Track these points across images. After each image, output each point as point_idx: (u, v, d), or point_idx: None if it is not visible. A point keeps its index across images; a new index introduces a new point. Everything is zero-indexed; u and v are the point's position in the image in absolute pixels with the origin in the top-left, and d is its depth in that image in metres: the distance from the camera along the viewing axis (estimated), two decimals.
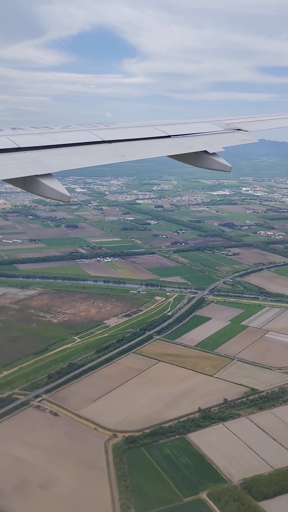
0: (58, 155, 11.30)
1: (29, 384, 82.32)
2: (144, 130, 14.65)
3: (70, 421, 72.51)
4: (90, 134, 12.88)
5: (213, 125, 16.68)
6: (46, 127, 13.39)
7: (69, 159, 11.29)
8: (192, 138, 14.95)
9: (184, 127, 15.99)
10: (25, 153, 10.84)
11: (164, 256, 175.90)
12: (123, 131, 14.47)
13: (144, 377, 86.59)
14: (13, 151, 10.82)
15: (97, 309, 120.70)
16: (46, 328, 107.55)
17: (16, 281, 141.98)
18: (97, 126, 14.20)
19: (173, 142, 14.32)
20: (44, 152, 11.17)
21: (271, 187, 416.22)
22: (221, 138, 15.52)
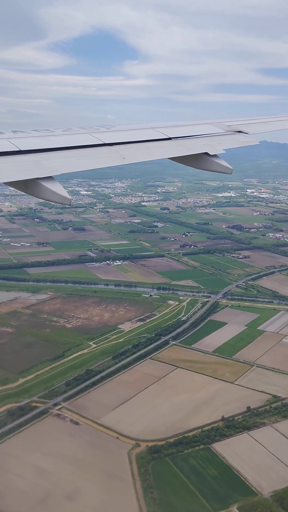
0: (59, 158, 11.28)
1: (47, 392, 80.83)
2: (145, 133, 14.66)
3: (91, 430, 70.98)
4: (91, 137, 12.84)
5: (214, 127, 16.61)
6: (47, 130, 13.35)
7: (70, 162, 11.25)
8: (193, 140, 14.89)
9: (185, 129, 15.87)
10: (26, 156, 10.79)
11: (174, 259, 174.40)
12: (124, 134, 14.35)
13: (163, 384, 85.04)
14: (14, 154, 10.72)
15: (110, 313, 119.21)
16: (60, 333, 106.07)
17: (27, 285, 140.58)
18: (98, 129, 14.19)
19: (174, 144, 14.26)
20: (45, 155, 11.13)
21: (276, 188, 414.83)
22: (222, 140, 15.48)
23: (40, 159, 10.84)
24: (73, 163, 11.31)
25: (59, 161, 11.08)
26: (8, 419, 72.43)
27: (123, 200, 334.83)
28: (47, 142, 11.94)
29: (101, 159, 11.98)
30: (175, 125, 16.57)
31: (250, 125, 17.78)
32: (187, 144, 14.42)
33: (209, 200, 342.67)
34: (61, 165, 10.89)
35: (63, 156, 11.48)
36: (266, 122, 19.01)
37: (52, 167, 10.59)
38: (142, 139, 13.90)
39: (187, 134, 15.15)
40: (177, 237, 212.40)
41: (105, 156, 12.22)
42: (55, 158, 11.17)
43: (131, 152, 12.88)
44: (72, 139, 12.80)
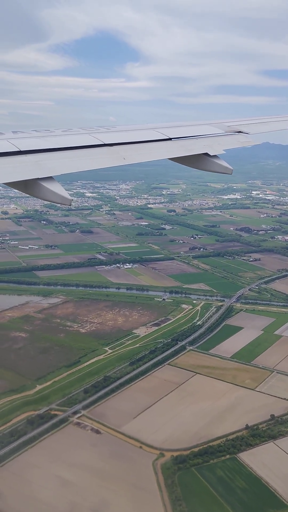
0: (59, 158, 11.22)
1: (65, 399, 79.24)
2: (145, 133, 14.56)
3: (113, 439, 69.36)
4: (91, 137, 12.73)
5: (214, 127, 16.53)
6: (47, 131, 13.24)
7: (70, 163, 11.18)
8: (193, 140, 14.79)
9: (185, 129, 15.78)
10: (26, 156, 10.70)
11: (184, 262, 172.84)
12: (124, 134, 14.23)
13: (183, 390, 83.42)
14: (14, 155, 10.62)
15: (124, 317, 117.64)
16: (74, 338, 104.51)
17: (37, 288, 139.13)
18: (98, 129, 14.11)
19: (174, 144, 14.18)
20: (45, 156, 11.05)
21: (281, 190, 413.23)
22: (222, 140, 15.42)
23: (40, 159, 10.79)
24: (73, 164, 11.25)
25: (59, 162, 11.06)
26: (28, 427, 70.82)
27: (128, 202, 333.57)
28: (47, 142, 11.86)
29: (101, 160, 11.90)
30: (175, 125, 16.47)
31: (250, 125, 17.68)
32: (187, 144, 14.34)
33: (215, 202, 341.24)
34: (61, 166, 10.84)
35: (63, 156, 11.44)
36: (266, 123, 18.92)
37: (52, 168, 10.55)
38: (142, 140, 13.77)
39: (187, 135, 15.06)
40: (185, 240, 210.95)
41: (105, 156, 12.14)
42: (55, 159, 11.15)
43: (131, 153, 12.80)
44: (72, 139, 12.69)
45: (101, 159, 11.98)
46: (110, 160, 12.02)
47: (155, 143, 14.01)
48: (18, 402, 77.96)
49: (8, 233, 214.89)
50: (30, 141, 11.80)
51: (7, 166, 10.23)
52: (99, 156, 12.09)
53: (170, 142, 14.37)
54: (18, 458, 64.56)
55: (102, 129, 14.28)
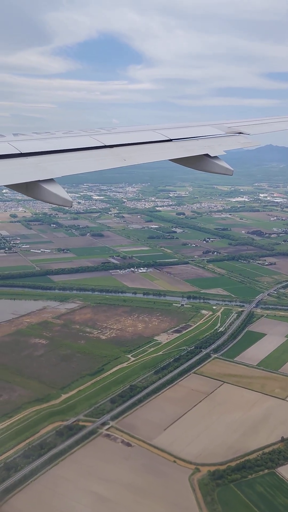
0: (60, 160, 11.21)
1: (92, 410, 77.08)
2: (146, 134, 14.56)
3: (145, 452, 67.13)
4: (92, 139, 12.76)
5: (215, 128, 16.54)
6: (48, 133, 13.25)
7: (71, 164, 11.19)
8: (194, 141, 14.83)
9: (185, 130, 15.82)
10: (27, 158, 10.71)
11: (199, 266, 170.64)
12: (125, 136, 14.17)
13: (212, 400, 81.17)
14: (15, 157, 10.61)
15: (143, 324, 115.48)
16: (95, 345, 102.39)
17: (54, 293, 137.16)
18: (98, 131, 14.12)
19: (175, 145, 14.22)
20: (46, 158, 11.05)
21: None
22: (222, 141, 15.45)
23: (41, 161, 10.79)
24: (74, 165, 11.24)
25: (60, 164, 11.06)
26: (58, 439, 68.66)
27: (136, 205, 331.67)
28: (48, 144, 11.87)
29: (102, 161, 11.88)
30: (176, 126, 16.46)
31: (250, 126, 17.66)
32: (187, 145, 14.35)
33: (223, 205, 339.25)
34: (62, 168, 10.83)
35: (64, 158, 11.42)
36: (267, 123, 18.91)
37: (53, 170, 10.53)
38: (143, 141, 13.73)
39: (187, 136, 15.09)
40: (197, 243, 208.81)
41: (106, 158, 12.12)
42: (56, 161, 11.14)
43: (132, 154, 12.76)
44: (73, 141, 12.69)
45: (102, 160, 11.94)
46: (111, 161, 11.97)
47: (155, 144, 13.99)
48: (44, 412, 75.84)
49: (18, 237, 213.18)
50: (31, 144, 11.78)
51: (8, 169, 10.17)
52: (100, 158, 12.05)
53: (170, 143, 14.33)
54: (50, 471, 62.42)
55: (102, 131, 14.29)
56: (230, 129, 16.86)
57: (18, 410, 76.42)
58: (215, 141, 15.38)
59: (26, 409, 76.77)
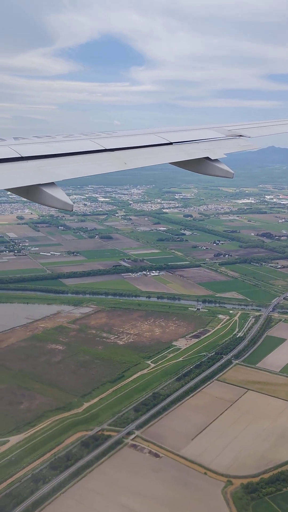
0: (61, 164, 11.26)
1: (116, 419, 75.13)
2: (146, 138, 14.62)
3: (174, 464, 65.20)
4: (92, 143, 12.88)
5: (215, 131, 16.66)
6: (49, 136, 13.32)
7: (71, 168, 11.22)
8: (194, 144, 14.94)
9: (186, 134, 15.94)
10: (28, 162, 10.78)
11: (211, 269, 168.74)
12: (125, 139, 14.33)
13: (238, 409, 79.22)
14: (16, 161, 10.67)
15: (160, 328, 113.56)
16: (113, 351, 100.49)
17: (67, 297, 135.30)
18: (99, 135, 14.16)
19: (175, 149, 14.28)
20: (46, 161, 11.09)
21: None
22: (223, 144, 15.52)
23: (42, 165, 10.79)
24: (75, 169, 11.24)
25: (61, 167, 11.07)
26: (84, 450, 66.71)
27: (143, 207, 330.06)
28: (48, 148, 11.90)
29: (103, 165, 11.91)
30: (176, 130, 16.54)
31: (251, 129, 17.73)
32: (188, 149, 14.42)
33: (230, 207, 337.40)
34: (63, 171, 10.86)
35: (65, 162, 11.48)
36: (267, 126, 18.95)
37: (54, 173, 10.57)
38: (143, 144, 13.79)
39: (188, 139, 15.15)
40: (207, 246, 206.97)
41: (107, 161, 12.12)
42: (56, 164, 11.17)
43: (133, 158, 12.78)
44: (74, 145, 12.70)
45: (102, 164, 11.94)
46: (111, 165, 11.98)
47: (156, 148, 14.00)
48: (68, 421, 73.94)
49: (27, 239, 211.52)
50: (31, 147, 11.77)
51: (9, 172, 10.19)
52: (100, 161, 12.05)
53: (171, 146, 14.36)
54: (78, 484, 60.49)
55: (103, 135, 14.32)
56: (231, 132, 16.91)
57: (41, 419, 74.55)
58: (216, 144, 15.41)
59: (48, 418, 74.89)
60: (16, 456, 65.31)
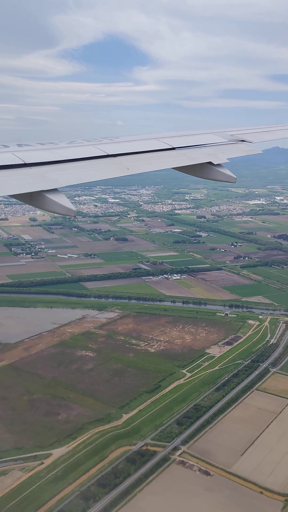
0: (64, 170, 11.37)
1: (159, 432, 72.03)
2: (148, 143, 14.70)
3: (226, 482, 62.05)
4: (95, 149, 12.97)
5: (217, 136, 16.79)
6: (52, 143, 13.46)
7: (74, 174, 11.33)
8: (197, 149, 14.99)
9: (188, 139, 16.09)
10: (31, 168, 10.85)
11: (233, 272, 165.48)
12: (127, 145, 14.32)
13: (284, 421, 76.01)
14: (19, 167, 10.75)
15: (190, 335, 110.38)
16: (145, 359, 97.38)
17: (90, 301, 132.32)
18: (101, 141, 14.22)
19: (178, 154, 14.38)
20: (49, 168, 11.16)
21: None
22: (225, 149, 15.62)
23: (45, 171, 10.87)
24: (78, 175, 11.36)
25: (64, 173, 11.17)
26: (130, 467, 63.61)
27: (154, 208, 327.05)
28: (51, 154, 11.98)
29: (105, 170, 12.01)
30: (178, 135, 16.65)
31: (253, 134, 17.81)
32: (190, 153, 14.52)
33: (242, 208, 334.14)
34: (65, 177, 10.97)
35: (68, 168, 11.54)
36: (269, 131, 18.99)
37: (56, 179, 10.64)
38: (145, 150, 13.87)
39: (190, 144, 15.29)
40: (226, 248, 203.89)
41: (109, 167, 12.20)
42: (59, 170, 11.23)
43: (135, 163, 12.82)
44: (76, 151, 12.79)
45: (105, 170, 12.07)
46: (114, 170, 12.11)
47: (158, 153, 14.05)
48: (109, 435, 70.85)
49: (42, 241, 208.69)
50: (34, 154, 11.88)
51: (12, 179, 10.26)
52: (103, 167, 12.17)
53: (173, 151, 14.45)
54: (130, 504, 57.42)
55: (105, 140, 14.44)
56: (233, 137, 16.95)
57: (81, 431, 71.54)
58: (218, 149, 15.45)
59: (88, 430, 71.88)
60: (62, 471, 62.36)
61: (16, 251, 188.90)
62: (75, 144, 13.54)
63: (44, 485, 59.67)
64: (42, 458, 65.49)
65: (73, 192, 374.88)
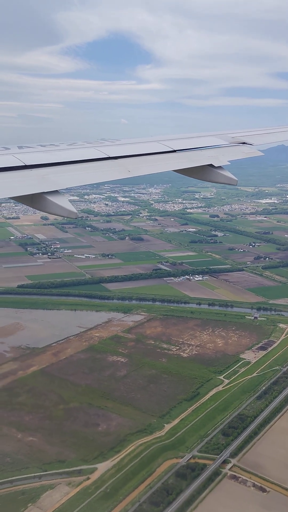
0: (65, 172, 11.31)
1: (205, 444, 68.77)
2: (150, 146, 14.77)
3: (284, 500, 58.61)
4: (96, 151, 12.93)
5: (218, 139, 16.88)
6: (52, 145, 13.46)
7: (75, 176, 11.33)
8: (198, 152, 15.01)
9: (189, 141, 16.04)
10: (32, 170, 10.89)
11: (256, 273, 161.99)
12: (129, 147, 14.30)
13: None
14: (20, 169, 10.81)
15: (222, 339, 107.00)
16: (179, 364, 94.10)
17: (114, 304, 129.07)
18: (102, 143, 14.29)
19: (179, 156, 14.39)
20: (50, 170, 11.18)
21: None
22: (226, 151, 15.62)
23: (46, 173, 10.86)
24: (79, 177, 11.31)
25: (65, 175, 11.12)
26: (181, 482, 60.31)
27: (165, 207, 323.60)
28: (52, 156, 11.94)
29: (107, 173, 11.99)
30: (179, 137, 16.73)
31: (254, 136, 17.81)
32: (191, 156, 14.48)
33: (254, 207, 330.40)
34: (66, 179, 10.91)
35: (69, 170, 11.50)
36: (270, 133, 18.97)
37: (58, 181, 10.63)
38: (147, 152, 13.84)
39: (191, 146, 15.18)
40: (244, 248, 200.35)
41: (110, 169, 12.19)
42: (60, 172, 11.19)
43: (136, 165, 12.85)
44: (77, 153, 12.75)
45: (106, 172, 12.01)
46: (115, 173, 12.06)
47: (159, 155, 14.08)
48: (154, 447, 67.58)
49: (57, 241, 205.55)
50: (35, 156, 11.83)
51: (13, 181, 10.22)
52: (104, 169, 12.11)
53: (174, 154, 14.43)
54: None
55: (107, 142, 14.38)
56: (234, 139, 16.99)
57: (123, 444, 68.33)
58: (219, 151, 15.50)
59: (131, 442, 68.65)
60: (110, 487, 59.13)
61: (32, 251, 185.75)
62: (76, 146, 13.61)
63: (94, 502, 56.49)
64: (87, 472, 62.29)
65: (82, 190, 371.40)
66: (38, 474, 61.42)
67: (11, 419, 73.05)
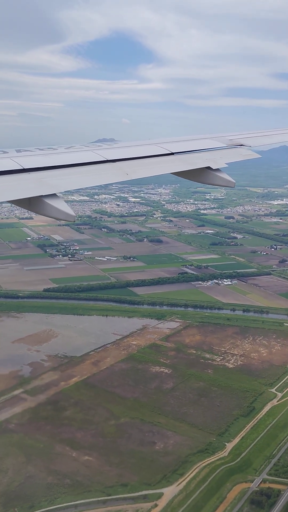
0: (63, 175, 11.34)
1: (273, 467, 64.20)
2: (148, 148, 14.62)
3: None
4: (94, 154, 12.91)
5: (216, 141, 16.82)
6: (50, 148, 13.41)
7: (73, 179, 11.36)
8: (196, 154, 15.01)
9: (187, 144, 16.05)
10: (30, 174, 10.85)
11: (284, 277, 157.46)
12: (127, 150, 14.31)
13: None
14: (18, 173, 10.75)
15: (265, 348, 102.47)
16: (226, 376, 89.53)
17: (145, 309, 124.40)
18: (100, 146, 14.23)
19: (177, 159, 14.35)
20: (48, 173, 11.18)
21: None
22: (224, 154, 15.58)
23: (44, 176, 10.84)
24: (77, 180, 11.38)
25: (63, 178, 11.06)
26: (259, 511, 55.85)
27: (177, 207, 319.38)
28: (50, 160, 11.95)
29: (105, 176, 11.97)
30: (177, 140, 16.73)
31: (251, 138, 17.77)
32: (189, 159, 14.44)
33: (266, 208, 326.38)
34: (64, 182, 10.92)
35: (67, 173, 11.46)
36: (268, 136, 18.89)
37: (55, 185, 10.57)
38: (145, 155, 13.77)
39: (189, 149, 15.25)
40: (266, 251, 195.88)
41: (108, 172, 12.16)
42: (58, 176, 11.17)
43: (134, 168, 12.78)
44: (75, 156, 12.74)
45: (104, 175, 11.96)
46: (113, 175, 12.05)
47: (157, 158, 13.99)
48: (220, 470, 63.03)
49: (75, 242, 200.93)
50: (33, 159, 11.79)
51: (10, 184, 10.15)
52: (102, 172, 12.03)
53: (172, 156, 14.39)
54: None
55: (104, 146, 14.35)
56: (232, 141, 16.96)
57: (186, 465, 63.72)
58: (217, 153, 15.40)
59: (194, 464, 64.06)
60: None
61: (51, 252, 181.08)
62: (74, 149, 13.52)
63: None
64: (154, 498, 57.67)
65: (91, 190, 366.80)
66: (102, 499, 56.81)
67: (63, 436, 68.39)
